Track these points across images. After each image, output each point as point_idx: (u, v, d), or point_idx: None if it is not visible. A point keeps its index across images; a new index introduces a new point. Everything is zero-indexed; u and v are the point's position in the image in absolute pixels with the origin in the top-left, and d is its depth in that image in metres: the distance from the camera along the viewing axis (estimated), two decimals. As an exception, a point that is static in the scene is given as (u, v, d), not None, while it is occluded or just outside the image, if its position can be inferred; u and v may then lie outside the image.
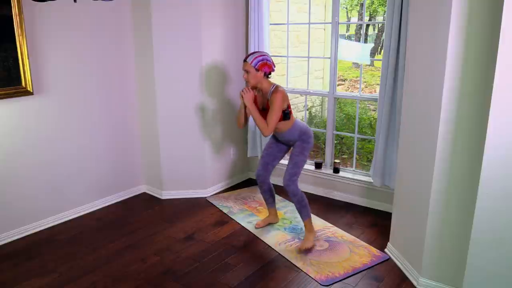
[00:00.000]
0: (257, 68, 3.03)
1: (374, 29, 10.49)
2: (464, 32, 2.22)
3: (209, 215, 3.79)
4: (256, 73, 3.04)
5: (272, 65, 3.09)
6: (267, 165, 3.39)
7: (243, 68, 3.10)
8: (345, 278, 2.82)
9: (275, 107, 3.00)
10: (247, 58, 3.07)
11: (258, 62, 3.03)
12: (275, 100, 3.00)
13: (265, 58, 3.06)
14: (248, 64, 3.05)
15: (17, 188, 3.32)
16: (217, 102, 4.13)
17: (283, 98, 3.03)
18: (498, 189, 2.17)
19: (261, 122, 3.04)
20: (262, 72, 3.05)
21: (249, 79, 3.08)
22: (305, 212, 3.23)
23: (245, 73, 3.09)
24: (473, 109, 2.28)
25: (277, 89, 3.05)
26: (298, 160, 3.22)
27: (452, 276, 2.54)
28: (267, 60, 3.06)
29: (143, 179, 4.32)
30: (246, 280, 2.81)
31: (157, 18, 3.74)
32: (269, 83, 3.12)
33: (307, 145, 3.22)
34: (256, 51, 3.17)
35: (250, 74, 3.05)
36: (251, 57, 3.05)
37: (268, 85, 3.10)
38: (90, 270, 2.93)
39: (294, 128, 3.19)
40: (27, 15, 3.14)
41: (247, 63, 3.06)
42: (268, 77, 3.12)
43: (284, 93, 3.05)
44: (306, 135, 3.22)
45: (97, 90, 3.75)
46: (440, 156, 2.43)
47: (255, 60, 3.03)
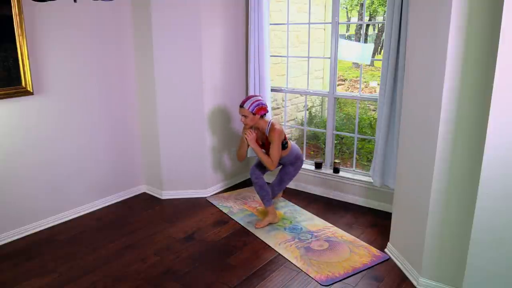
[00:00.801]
0: (254, 113, 3.38)
1: (374, 29, 10.49)
2: (464, 32, 2.22)
3: (209, 215, 3.79)
4: (253, 116, 3.40)
5: (266, 107, 3.44)
6: (262, 166, 3.58)
7: (241, 113, 3.44)
8: (345, 278, 2.82)
9: (275, 145, 3.37)
10: (243, 104, 3.40)
11: (255, 108, 3.38)
12: (274, 138, 3.36)
13: (260, 103, 3.40)
14: (245, 110, 3.39)
15: (17, 188, 3.32)
16: (217, 102, 4.12)
17: (280, 135, 3.37)
18: (498, 189, 2.17)
19: (267, 160, 3.40)
20: (258, 115, 3.40)
21: (247, 122, 3.43)
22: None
23: (242, 117, 3.42)
24: (473, 109, 2.28)
25: (274, 127, 3.38)
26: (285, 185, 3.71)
27: (452, 276, 2.55)
28: (262, 104, 3.41)
29: (143, 179, 4.32)
30: (246, 280, 2.81)
31: (157, 18, 3.74)
32: (265, 121, 3.46)
33: (297, 171, 3.70)
34: (250, 96, 3.46)
35: (248, 118, 3.41)
36: (248, 103, 3.39)
37: (265, 124, 3.45)
38: (90, 270, 2.93)
39: (291, 153, 3.58)
40: (27, 15, 3.14)
41: (244, 109, 3.39)
42: (263, 118, 3.46)
43: (280, 130, 3.39)
44: (299, 161, 3.66)
45: (97, 90, 3.75)
46: (440, 156, 2.43)
47: (252, 106, 3.37)
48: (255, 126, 3.48)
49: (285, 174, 3.66)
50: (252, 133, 3.42)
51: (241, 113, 3.43)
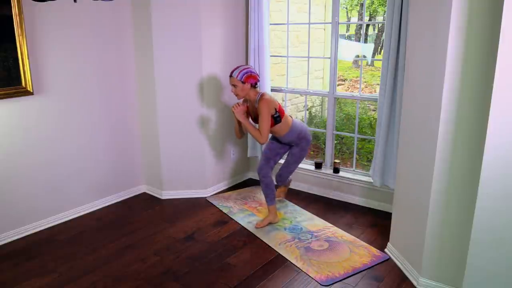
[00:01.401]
0: (243, 81, 3.23)
1: (374, 29, 10.49)
2: (464, 32, 2.22)
3: (209, 215, 3.79)
4: (243, 85, 3.24)
5: (256, 76, 3.30)
6: (269, 160, 3.52)
7: (230, 83, 3.31)
8: (345, 278, 2.82)
9: (263, 115, 3.21)
10: (232, 73, 3.27)
11: (244, 75, 3.23)
12: (261, 108, 3.20)
13: (249, 71, 3.26)
14: (234, 78, 3.25)
15: (17, 188, 3.32)
16: (217, 102, 4.13)
17: (268, 104, 3.20)
18: (498, 189, 2.18)
19: (255, 132, 3.26)
20: (248, 84, 3.25)
21: (238, 92, 3.28)
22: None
23: (232, 87, 3.30)
24: (473, 109, 2.28)
25: (262, 97, 3.23)
26: (292, 168, 3.60)
27: (452, 276, 2.55)
28: (252, 72, 3.26)
29: (143, 179, 4.32)
30: (246, 280, 2.81)
31: (157, 18, 3.74)
32: (256, 92, 3.31)
33: (304, 152, 3.54)
34: (240, 65, 3.36)
35: (238, 87, 3.25)
36: (236, 71, 3.25)
37: (255, 95, 3.30)
38: (90, 270, 2.93)
39: (293, 131, 3.42)
40: (27, 15, 3.14)
41: (233, 78, 3.26)
42: (255, 88, 3.31)
43: (268, 99, 3.22)
44: (305, 141, 3.49)
45: (97, 90, 3.75)
46: (440, 156, 2.43)
47: (240, 74, 3.23)
48: (246, 97, 3.34)
49: (290, 156, 3.55)
50: (240, 106, 3.27)
51: (231, 83, 3.30)
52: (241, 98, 3.34)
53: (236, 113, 3.28)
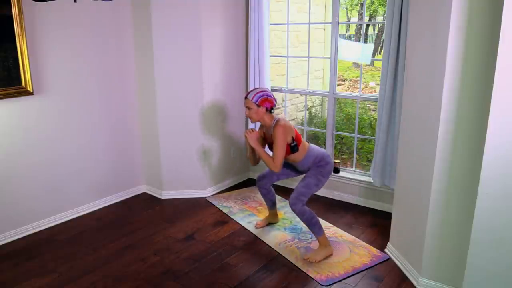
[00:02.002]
0: (258, 104, 2.99)
1: (374, 29, 10.49)
2: (464, 32, 2.22)
3: (209, 215, 3.79)
4: (257, 109, 3.00)
5: (273, 100, 3.04)
6: (272, 174, 3.31)
7: (245, 105, 3.07)
8: (345, 278, 2.82)
9: (277, 142, 2.93)
10: (248, 95, 3.04)
11: (259, 98, 2.99)
12: (277, 135, 2.93)
13: (266, 94, 3.02)
14: (249, 101, 3.01)
15: (17, 188, 3.32)
16: (217, 102, 4.13)
17: (285, 131, 2.94)
18: (498, 189, 2.18)
19: (268, 160, 2.97)
20: (263, 107, 3.01)
21: (251, 115, 3.04)
22: (316, 229, 3.05)
23: (247, 109, 3.06)
24: (473, 109, 2.28)
25: (278, 123, 2.96)
26: (310, 182, 3.06)
27: (452, 276, 2.54)
28: (268, 96, 3.02)
29: (143, 179, 4.32)
30: (246, 280, 2.81)
31: (157, 18, 3.74)
32: (271, 117, 3.06)
33: (322, 169, 3.08)
34: (257, 88, 3.15)
35: (252, 110, 3.02)
36: (252, 93, 3.02)
37: (270, 120, 3.05)
38: (90, 270, 2.93)
39: (309, 157, 3.09)
40: (27, 15, 3.14)
41: (248, 100, 3.02)
42: (270, 112, 3.07)
43: (285, 126, 2.95)
44: (323, 161, 3.08)
45: (97, 90, 3.75)
46: (440, 156, 2.43)
47: (256, 96, 2.99)
48: (261, 122, 3.10)
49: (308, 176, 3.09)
50: (253, 132, 3.03)
51: (245, 105, 3.06)
52: (255, 122, 3.08)
53: (249, 139, 3.01)
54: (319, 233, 3.06)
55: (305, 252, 3.12)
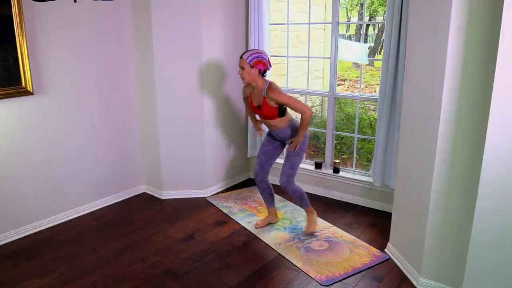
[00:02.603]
0: (251, 65, 3.06)
1: (374, 29, 10.49)
2: (464, 32, 2.22)
3: (209, 215, 3.79)
4: (250, 70, 3.08)
5: (267, 63, 3.13)
6: (264, 164, 3.43)
7: (239, 64, 3.14)
8: (345, 278, 2.82)
9: (284, 99, 3.08)
10: (243, 55, 3.11)
11: (253, 59, 3.06)
12: (278, 96, 3.06)
13: (261, 56, 3.09)
14: (243, 60, 3.09)
15: (17, 188, 3.32)
16: (217, 102, 4.13)
17: (280, 90, 3.11)
18: (498, 189, 2.18)
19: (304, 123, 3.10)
20: (256, 69, 3.08)
21: (244, 75, 3.11)
22: (305, 202, 3.41)
23: (240, 69, 3.13)
24: (473, 109, 2.28)
25: (272, 86, 3.09)
26: (295, 161, 3.28)
27: (452, 276, 2.54)
28: (263, 58, 3.09)
29: (143, 179, 4.32)
30: (246, 280, 2.81)
31: (157, 18, 3.74)
32: (264, 80, 3.15)
33: (303, 145, 3.26)
34: (254, 49, 3.22)
35: (245, 70, 3.09)
36: (247, 53, 3.10)
37: (262, 83, 3.14)
38: (90, 270, 2.93)
39: (290, 126, 3.25)
40: (27, 15, 3.14)
41: (242, 59, 3.10)
42: (263, 76, 3.16)
43: (279, 88, 3.11)
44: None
45: (97, 90, 3.75)
46: (440, 156, 2.43)
47: (250, 57, 3.06)
48: (253, 84, 3.14)
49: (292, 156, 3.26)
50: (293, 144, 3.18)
51: (239, 64, 3.12)
52: (246, 82, 3.14)
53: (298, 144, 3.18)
54: (307, 204, 3.41)
55: (305, 253, 3.12)
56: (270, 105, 3.12)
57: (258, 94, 3.19)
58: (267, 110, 3.15)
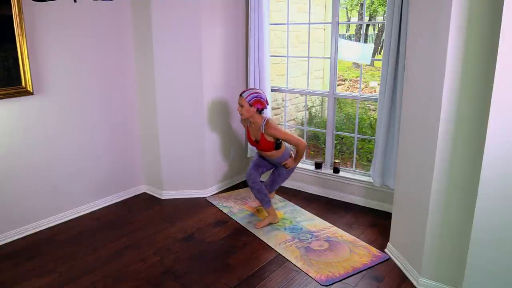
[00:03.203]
0: (250, 104, 3.33)
1: (374, 29, 10.49)
2: (464, 32, 2.22)
3: (209, 215, 3.79)
4: (249, 108, 3.35)
5: (265, 103, 3.39)
6: (258, 167, 3.60)
7: (238, 102, 3.40)
8: (345, 278, 2.82)
9: (280, 134, 3.35)
10: (243, 93, 3.37)
11: (252, 99, 3.33)
12: (274, 132, 3.33)
13: (259, 96, 3.35)
14: (243, 99, 3.35)
15: (17, 188, 3.32)
16: (217, 102, 4.13)
17: (276, 127, 3.36)
18: (498, 189, 2.18)
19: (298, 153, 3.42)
20: (254, 108, 3.35)
21: (243, 112, 3.38)
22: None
23: (239, 106, 3.39)
24: (473, 109, 2.28)
25: (269, 123, 3.35)
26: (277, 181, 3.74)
27: (452, 276, 2.55)
28: (261, 98, 3.36)
29: (143, 179, 4.32)
30: (246, 280, 2.81)
31: (157, 18, 3.74)
32: (261, 117, 3.41)
33: (291, 172, 3.68)
34: (252, 88, 3.47)
35: (244, 108, 3.36)
36: (247, 93, 3.36)
37: (260, 120, 3.40)
38: (90, 270, 2.93)
39: (285, 154, 3.52)
40: (27, 15, 3.14)
41: (242, 97, 3.36)
42: (260, 113, 3.41)
43: (275, 125, 3.38)
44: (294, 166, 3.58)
45: (97, 90, 3.75)
46: (440, 156, 2.43)
47: (250, 97, 3.33)
48: (250, 120, 3.44)
49: (278, 175, 3.69)
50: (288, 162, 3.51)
51: (238, 102, 3.41)
52: (245, 118, 3.45)
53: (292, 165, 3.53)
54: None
55: (305, 253, 3.12)
56: (267, 140, 3.39)
57: (256, 129, 3.45)
58: (265, 144, 3.41)
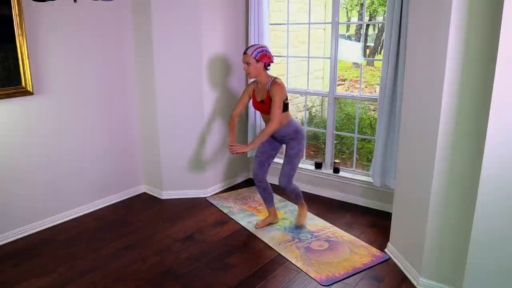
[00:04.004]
0: (257, 59, 3.14)
1: (374, 29, 10.50)
2: (464, 32, 2.22)
3: (209, 215, 3.79)
4: (256, 64, 3.15)
5: (271, 56, 3.22)
6: (263, 164, 3.45)
7: (243, 61, 3.19)
8: (345, 278, 2.82)
9: (276, 99, 3.11)
10: (247, 50, 3.17)
11: (258, 53, 3.14)
12: (276, 92, 3.11)
13: (265, 50, 3.18)
14: (248, 55, 3.15)
15: (17, 188, 3.32)
16: (217, 102, 4.13)
17: (282, 89, 3.14)
18: (498, 189, 2.18)
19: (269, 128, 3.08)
20: (262, 63, 3.17)
21: (250, 71, 3.17)
22: (300, 198, 3.51)
23: (245, 65, 3.18)
24: (473, 109, 2.28)
25: (276, 80, 3.17)
26: (295, 162, 3.34)
27: (452, 276, 2.54)
28: (267, 52, 3.18)
29: (143, 179, 4.32)
30: (246, 280, 2.81)
31: (157, 18, 3.74)
32: (268, 75, 3.24)
33: (301, 146, 3.36)
34: (255, 44, 3.28)
35: (251, 65, 3.15)
36: (251, 48, 3.16)
37: (267, 77, 3.22)
38: (90, 270, 2.93)
39: (290, 124, 3.29)
40: (27, 15, 3.14)
41: (247, 55, 3.16)
42: (267, 69, 3.23)
43: (282, 84, 3.16)
44: (300, 135, 3.33)
45: (97, 90, 3.75)
46: (440, 156, 2.43)
47: (255, 52, 3.14)
48: (257, 78, 3.22)
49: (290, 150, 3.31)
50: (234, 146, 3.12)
51: (244, 61, 3.17)
52: (253, 77, 3.21)
53: (240, 151, 3.11)
54: (301, 200, 3.52)
55: (305, 253, 3.12)
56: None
57: (261, 89, 3.25)
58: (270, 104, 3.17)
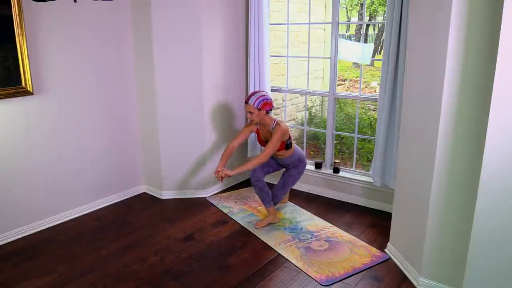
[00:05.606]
0: (259, 108, 3.35)
1: (374, 29, 10.49)
2: (464, 32, 2.22)
3: (209, 215, 3.79)
4: (259, 112, 3.37)
5: (271, 102, 3.41)
6: (263, 166, 3.55)
7: (246, 110, 3.42)
8: (345, 278, 2.82)
9: (274, 139, 3.32)
10: (248, 100, 3.37)
11: (260, 103, 3.34)
12: (276, 133, 3.33)
13: (265, 98, 3.37)
14: (250, 106, 3.36)
15: (17, 188, 3.32)
16: (217, 102, 4.13)
17: (283, 133, 3.35)
18: (498, 189, 2.18)
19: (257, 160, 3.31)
20: (264, 110, 3.37)
21: (253, 118, 3.40)
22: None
23: (248, 113, 3.40)
24: (473, 109, 2.28)
25: (279, 124, 3.36)
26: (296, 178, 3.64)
27: (452, 276, 2.54)
28: (267, 99, 3.38)
29: (143, 179, 4.32)
30: (246, 280, 2.81)
31: (157, 18, 3.74)
32: (271, 118, 3.45)
33: (300, 174, 3.65)
34: (255, 92, 3.43)
35: (254, 114, 3.37)
36: (252, 98, 3.36)
37: (270, 121, 3.44)
38: (90, 270, 2.93)
39: (294, 155, 3.56)
40: (27, 15, 3.14)
41: (249, 105, 3.36)
42: (268, 113, 3.43)
43: (285, 128, 3.37)
44: (303, 164, 3.62)
45: (97, 90, 3.75)
46: (440, 156, 2.43)
47: (257, 102, 3.34)
48: (260, 122, 3.46)
49: (288, 177, 3.62)
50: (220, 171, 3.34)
51: (247, 110, 3.40)
52: (256, 123, 3.48)
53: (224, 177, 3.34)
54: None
55: (305, 253, 3.12)
56: None
57: (266, 131, 3.49)
58: None
